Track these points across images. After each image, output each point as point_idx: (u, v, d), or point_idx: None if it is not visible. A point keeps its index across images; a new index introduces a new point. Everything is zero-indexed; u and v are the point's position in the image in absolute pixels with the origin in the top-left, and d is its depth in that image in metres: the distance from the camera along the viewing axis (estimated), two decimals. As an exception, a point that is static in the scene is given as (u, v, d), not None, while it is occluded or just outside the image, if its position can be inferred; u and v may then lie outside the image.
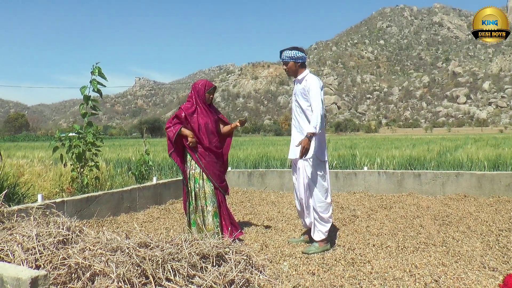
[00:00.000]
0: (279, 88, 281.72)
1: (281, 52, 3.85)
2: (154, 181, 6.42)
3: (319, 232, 3.73)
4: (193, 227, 3.95)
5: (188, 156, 3.93)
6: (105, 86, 5.86)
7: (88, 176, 5.93)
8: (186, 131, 3.88)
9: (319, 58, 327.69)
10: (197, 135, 3.90)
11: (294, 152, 3.82)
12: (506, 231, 4.19)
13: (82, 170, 5.86)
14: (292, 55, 3.78)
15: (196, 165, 3.90)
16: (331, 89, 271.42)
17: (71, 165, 5.91)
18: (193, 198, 3.92)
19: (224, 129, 4.16)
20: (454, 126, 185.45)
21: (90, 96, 5.78)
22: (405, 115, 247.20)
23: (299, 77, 3.83)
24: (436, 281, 2.85)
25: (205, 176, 3.90)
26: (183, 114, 3.90)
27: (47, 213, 3.29)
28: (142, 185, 6.11)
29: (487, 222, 4.60)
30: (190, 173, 3.91)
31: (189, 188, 3.92)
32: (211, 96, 4.04)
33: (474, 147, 15.20)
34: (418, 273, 2.99)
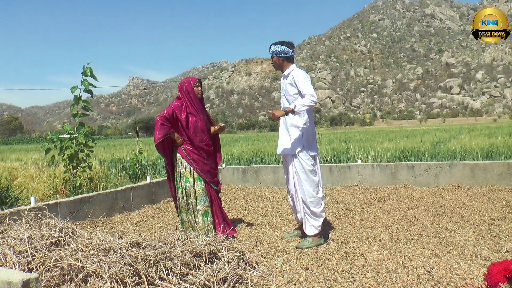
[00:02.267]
0: (273, 84, 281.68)
1: (270, 46, 3.91)
2: (148, 180, 6.40)
3: (312, 227, 3.74)
4: (183, 225, 3.96)
5: (178, 155, 3.92)
6: (95, 87, 5.85)
7: (81, 177, 5.91)
8: (173, 137, 3.87)
9: (312, 52, 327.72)
10: (187, 133, 3.88)
11: (282, 147, 3.85)
12: (498, 220, 4.22)
13: (75, 171, 5.84)
14: (275, 50, 3.85)
15: (187, 164, 3.89)
16: (325, 83, 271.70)
17: (63, 166, 5.89)
18: (184, 197, 3.91)
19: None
20: (449, 117, 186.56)
21: (80, 96, 5.78)
22: (399, 107, 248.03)
23: (285, 72, 3.87)
24: (429, 272, 2.86)
25: (195, 175, 3.88)
26: (172, 112, 3.87)
27: (40, 215, 3.28)
28: (136, 184, 6.10)
29: (480, 211, 4.63)
30: (181, 172, 3.89)
31: (181, 187, 3.91)
32: (200, 88, 4.03)
33: (467, 137, 15.30)
34: (411, 265, 3.01)
